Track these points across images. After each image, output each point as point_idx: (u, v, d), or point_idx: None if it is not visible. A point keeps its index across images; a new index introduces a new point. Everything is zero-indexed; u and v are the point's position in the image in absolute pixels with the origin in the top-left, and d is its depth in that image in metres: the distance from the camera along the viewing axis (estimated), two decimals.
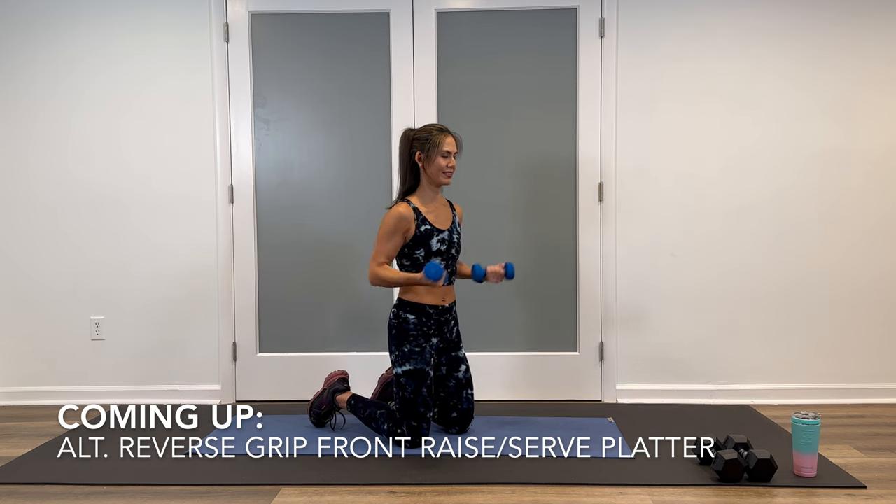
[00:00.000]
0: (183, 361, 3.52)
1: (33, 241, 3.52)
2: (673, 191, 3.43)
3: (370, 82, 3.45)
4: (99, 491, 2.37)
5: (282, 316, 3.52)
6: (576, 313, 3.47)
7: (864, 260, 3.42)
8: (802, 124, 3.40)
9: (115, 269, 3.51)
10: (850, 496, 2.27)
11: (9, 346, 3.54)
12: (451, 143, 2.78)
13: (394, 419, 2.74)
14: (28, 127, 3.49)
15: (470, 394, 2.89)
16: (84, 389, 3.50)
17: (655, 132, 3.42)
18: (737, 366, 3.44)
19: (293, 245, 3.50)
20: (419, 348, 2.76)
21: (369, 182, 3.44)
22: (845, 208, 3.42)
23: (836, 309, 3.43)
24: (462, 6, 3.44)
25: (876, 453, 2.68)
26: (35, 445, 2.84)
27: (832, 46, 3.38)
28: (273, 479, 2.43)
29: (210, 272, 3.49)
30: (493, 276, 2.80)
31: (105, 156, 3.49)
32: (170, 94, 3.47)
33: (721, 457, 2.36)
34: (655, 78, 3.41)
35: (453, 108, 3.44)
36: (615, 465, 2.52)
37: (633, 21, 3.40)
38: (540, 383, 3.47)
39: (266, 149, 3.48)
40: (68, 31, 3.47)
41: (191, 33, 3.45)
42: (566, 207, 3.46)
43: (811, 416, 2.37)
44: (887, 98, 3.40)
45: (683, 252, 3.44)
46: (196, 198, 3.48)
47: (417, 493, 2.31)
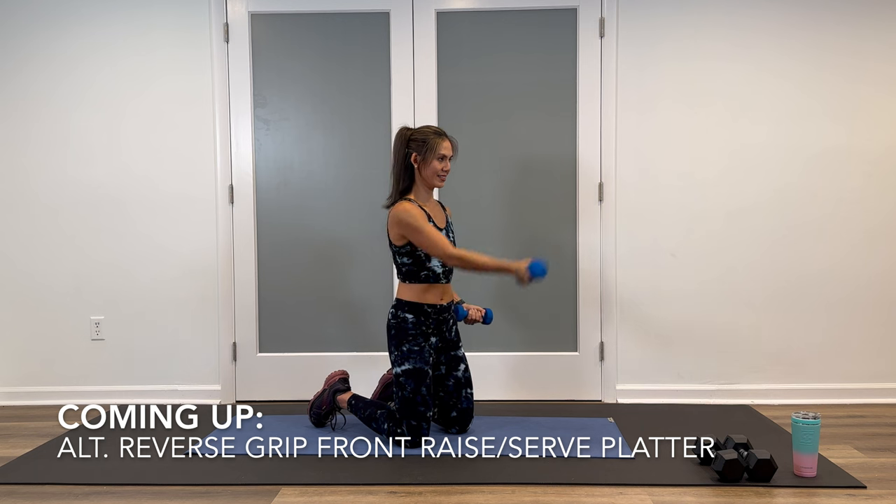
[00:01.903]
0: (183, 361, 3.52)
1: (33, 242, 3.52)
2: (673, 191, 3.43)
3: (370, 82, 3.45)
4: (99, 491, 2.37)
5: (282, 316, 3.52)
6: (576, 313, 3.48)
7: (865, 260, 3.42)
8: (803, 124, 3.40)
9: (115, 269, 3.51)
10: (850, 496, 2.27)
11: (9, 346, 3.54)
12: (448, 147, 2.78)
13: (394, 419, 2.74)
14: (28, 127, 3.49)
15: (469, 393, 2.89)
16: (84, 389, 3.50)
17: (655, 132, 3.42)
18: (737, 366, 3.45)
19: (293, 245, 3.50)
20: (418, 348, 2.76)
21: (369, 182, 3.44)
22: (845, 208, 3.42)
23: (836, 309, 3.43)
24: (462, 6, 3.44)
25: (876, 453, 2.68)
26: (35, 445, 2.84)
27: (832, 46, 3.39)
28: (273, 479, 2.43)
29: (210, 272, 3.49)
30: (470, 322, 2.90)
31: (105, 156, 3.49)
32: (170, 94, 3.47)
33: (721, 457, 2.36)
34: (655, 78, 3.41)
35: (453, 108, 3.44)
36: (615, 465, 2.52)
37: (633, 21, 3.40)
38: (540, 383, 3.47)
39: (266, 149, 3.48)
40: (68, 31, 3.47)
41: (191, 33, 3.45)
42: (566, 207, 3.46)
43: (811, 416, 2.37)
44: (887, 98, 3.40)
45: (683, 252, 3.44)
46: (196, 198, 3.48)
47: (417, 493, 2.31)
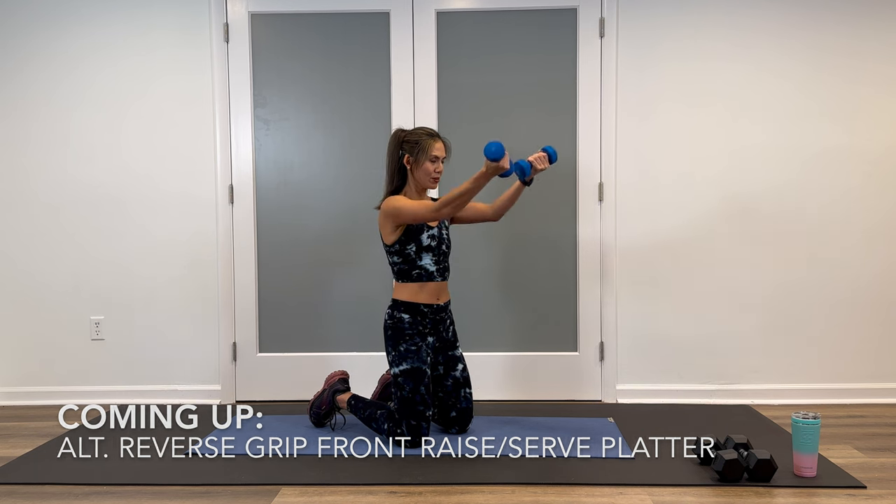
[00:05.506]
0: (183, 361, 3.52)
1: (34, 241, 3.52)
2: (673, 191, 3.43)
3: (370, 82, 3.45)
4: (99, 491, 2.37)
5: (282, 316, 3.51)
6: (576, 313, 3.47)
7: (864, 260, 3.42)
8: (802, 124, 3.40)
9: (115, 269, 3.51)
10: (850, 496, 2.27)
11: (9, 346, 3.54)
12: (440, 149, 2.78)
13: (393, 419, 2.74)
14: (28, 126, 3.49)
15: (468, 393, 2.89)
16: (84, 389, 3.50)
17: (655, 132, 3.42)
18: (737, 366, 3.45)
19: (293, 245, 3.50)
20: (415, 347, 2.76)
21: (369, 182, 3.43)
22: (845, 208, 3.42)
23: (835, 309, 3.43)
24: (462, 6, 3.44)
25: (876, 453, 2.68)
26: (35, 445, 2.84)
27: (832, 47, 3.39)
28: (273, 479, 2.42)
29: (210, 272, 3.49)
30: (538, 163, 2.68)
31: (105, 155, 3.49)
32: (170, 94, 3.47)
33: (721, 457, 2.36)
34: (655, 78, 3.41)
35: (453, 108, 3.44)
36: (615, 465, 2.52)
37: (633, 21, 3.40)
38: (540, 383, 3.47)
39: (266, 149, 3.48)
40: (69, 31, 3.47)
41: (191, 33, 3.45)
42: (566, 207, 3.46)
43: (811, 416, 2.37)
44: (886, 98, 3.40)
45: (683, 252, 3.44)
46: (196, 197, 3.48)
47: (417, 493, 2.31)
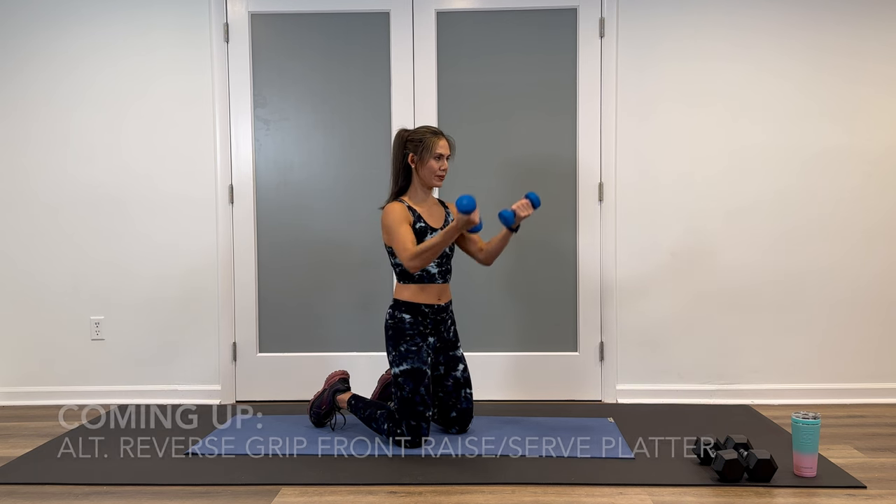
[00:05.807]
0: (183, 361, 3.52)
1: (34, 241, 3.52)
2: (673, 191, 3.43)
3: (370, 82, 3.46)
4: (99, 491, 2.37)
5: (282, 316, 3.52)
6: (576, 313, 3.48)
7: (864, 260, 3.42)
8: (802, 124, 3.41)
9: (115, 269, 3.51)
10: (850, 496, 2.27)
11: (9, 346, 3.55)
12: (444, 146, 2.78)
13: (393, 419, 2.74)
14: (28, 126, 3.50)
15: (469, 393, 2.89)
16: (84, 389, 3.50)
17: (655, 132, 3.43)
18: (737, 366, 3.45)
19: (293, 245, 3.50)
20: (416, 347, 2.76)
21: (369, 182, 3.44)
22: (845, 208, 3.42)
23: (835, 309, 3.44)
24: (462, 6, 3.44)
25: (876, 453, 2.68)
26: (35, 445, 2.83)
27: (832, 47, 3.39)
28: (273, 479, 2.42)
29: (210, 272, 3.49)
30: (521, 210, 2.70)
31: (105, 155, 3.50)
32: (170, 94, 3.47)
33: (721, 457, 2.36)
34: (655, 78, 3.41)
35: (453, 108, 3.44)
36: (615, 465, 2.52)
37: (633, 21, 3.40)
38: (540, 383, 3.47)
39: (266, 149, 3.48)
40: (69, 31, 3.47)
41: (191, 33, 3.45)
42: (566, 207, 3.46)
43: (811, 416, 2.37)
44: (886, 98, 3.40)
45: (683, 252, 3.44)
46: (196, 198, 3.49)
47: (417, 493, 2.31)
